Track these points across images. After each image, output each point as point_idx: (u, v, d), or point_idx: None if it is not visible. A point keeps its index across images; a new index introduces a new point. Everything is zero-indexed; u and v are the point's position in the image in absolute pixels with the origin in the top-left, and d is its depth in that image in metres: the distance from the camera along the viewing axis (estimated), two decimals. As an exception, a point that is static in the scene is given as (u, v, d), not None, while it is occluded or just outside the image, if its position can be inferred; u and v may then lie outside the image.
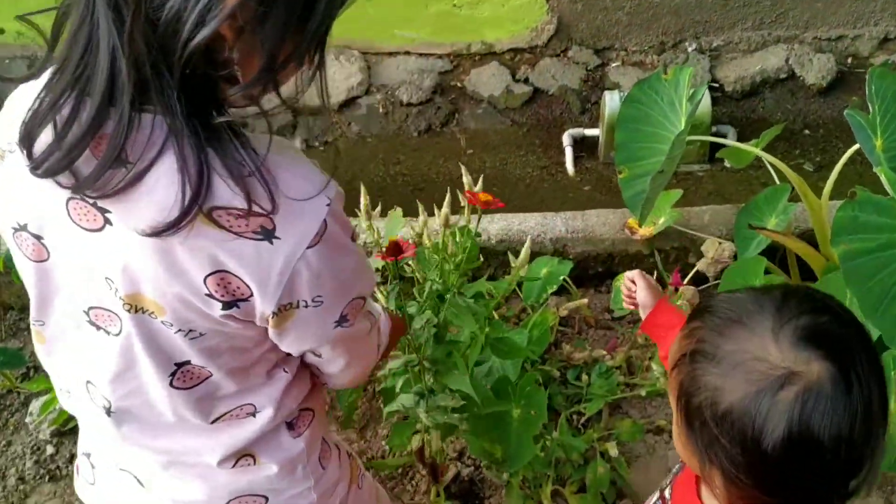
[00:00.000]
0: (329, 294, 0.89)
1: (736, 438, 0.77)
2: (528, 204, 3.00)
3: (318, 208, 0.83)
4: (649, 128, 2.00)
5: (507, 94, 3.41)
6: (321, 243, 0.84)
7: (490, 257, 2.37)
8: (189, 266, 0.82)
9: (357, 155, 3.31)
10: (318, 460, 1.12)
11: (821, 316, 0.80)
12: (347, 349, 1.02)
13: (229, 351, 0.95)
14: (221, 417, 1.01)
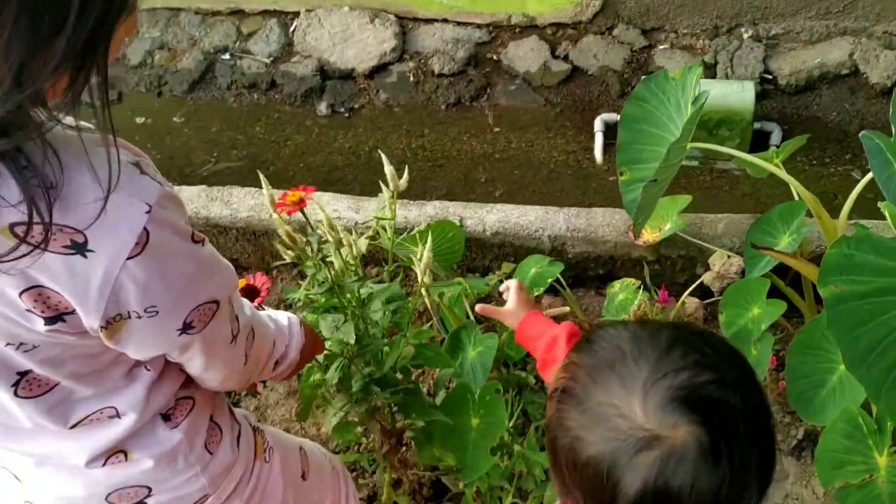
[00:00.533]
0: (165, 303, 0.86)
1: (588, 490, 0.77)
2: (548, 190, 2.87)
3: (134, 216, 0.79)
4: (653, 129, 1.84)
5: (543, 70, 3.25)
6: (145, 253, 0.80)
7: (484, 249, 2.26)
8: (1, 282, 0.78)
9: (381, 125, 3.22)
10: (205, 446, 1.08)
11: (701, 374, 0.75)
12: (203, 353, 0.98)
13: (74, 359, 0.90)
14: (81, 422, 0.97)
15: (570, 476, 0.79)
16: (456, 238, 1.95)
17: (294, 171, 3.02)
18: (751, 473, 0.75)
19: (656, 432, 0.72)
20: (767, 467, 0.77)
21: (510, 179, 2.93)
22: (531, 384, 1.97)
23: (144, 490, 1.05)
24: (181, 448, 1.04)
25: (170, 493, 1.06)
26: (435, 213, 2.23)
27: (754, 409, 0.76)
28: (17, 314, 0.81)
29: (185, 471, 1.06)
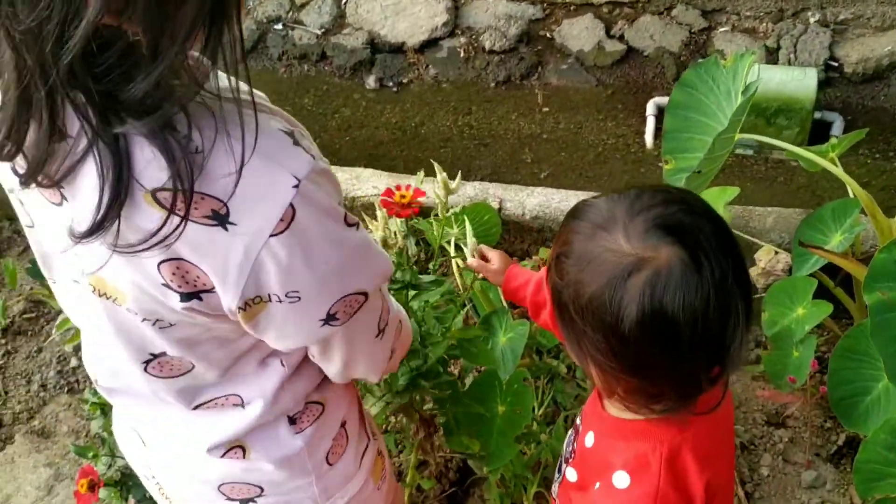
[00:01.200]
0: (308, 290, 0.79)
1: (597, 326, 0.82)
2: (595, 174, 2.80)
3: (282, 190, 0.72)
4: (701, 117, 1.77)
5: (597, 50, 3.16)
6: (290, 231, 0.73)
7: (523, 233, 2.22)
8: (125, 235, 0.73)
9: (429, 100, 3.18)
10: (325, 457, 1.02)
11: (670, 207, 0.83)
12: (345, 348, 0.90)
13: (210, 342, 0.86)
14: (205, 404, 0.94)
15: (578, 326, 0.84)
16: (492, 221, 1.91)
17: (340, 144, 3.01)
18: (731, 287, 0.80)
19: (641, 255, 0.79)
20: (744, 283, 0.83)
21: (556, 161, 2.87)
22: (562, 373, 1.94)
23: (257, 489, 1.00)
24: (301, 455, 0.99)
25: (280, 496, 1.02)
26: (475, 194, 2.20)
27: (720, 230, 0.83)
28: (154, 288, 0.77)
29: (301, 477, 1.01)
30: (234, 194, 0.71)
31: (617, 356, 0.83)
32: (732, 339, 0.82)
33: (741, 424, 1.93)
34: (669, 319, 0.78)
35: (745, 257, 0.87)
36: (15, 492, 1.99)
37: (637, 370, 0.84)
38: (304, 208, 0.73)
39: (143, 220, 0.71)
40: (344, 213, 0.79)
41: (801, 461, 1.86)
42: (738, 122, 1.56)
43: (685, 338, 0.79)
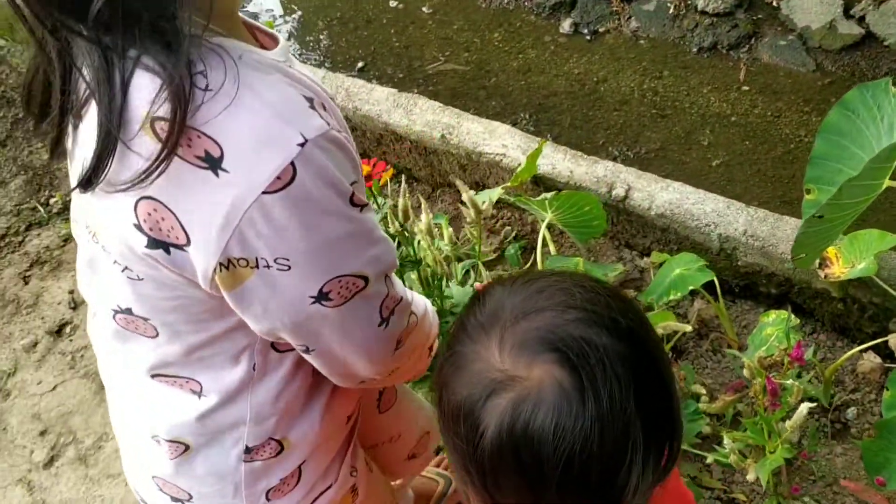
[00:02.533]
0: (300, 259, 0.73)
1: (461, 437, 0.71)
2: (775, 174, 2.47)
3: (285, 146, 0.68)
4: (856, 149, 1.46)
5: (828, 30, 2.72)
6: (286, 193, 0.69)
7: (646, 229, 2.02)
8: (117, 171, 0.73)
9: (620, 55, 2.94)
10: (265, 492, 0.97)
11: (566, 314, 0.68)
12: (336, 340, 0.83)
13: (178, 312, 0.83)
14: (163, 376, 0.90)
15: (446, 429, 0.73)
16: (594, 213, 1.75)
17: (513, 87, 2.89)
18: (632, 422, 0.66)
19: (511, 373, 0.67)
20: (659, 421, 0.70)
21: (737, 150, 2.56)
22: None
23: (186, 494, 0.98)
24: (237, 481, 0.95)
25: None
26: (604, 175, 2.02)
27: (632, 352, 0.68)
28: (127, 226, 0.74)
29: (231, 498, 0.97)
30: (234, 139, 0.68)
31: (479, 474, 0.70)
32: (626, 484, 0.67)
33: (825, 502, 1.66)
34: (532, 453, 0.65)
35: (675, 392, 0.71)
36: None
37: (499, 495, 0.71)
38: (307, 171, 0.69)
39: (140, 150, 0.69)
40: (352, 192, 0.74)
41: (886, 569, 1.58)
42: (879, 170, 1.26)
43: (552, 477, 0.65)
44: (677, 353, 1.95)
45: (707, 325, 1.98)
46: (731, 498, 1.72)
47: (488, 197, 1.76)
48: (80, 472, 2.01)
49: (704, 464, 1.77)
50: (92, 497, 1.96)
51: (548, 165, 2.06)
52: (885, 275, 1.73)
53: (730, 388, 1.79)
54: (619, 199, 1.98)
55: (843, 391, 1.81)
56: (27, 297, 2.45)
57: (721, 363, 1.92)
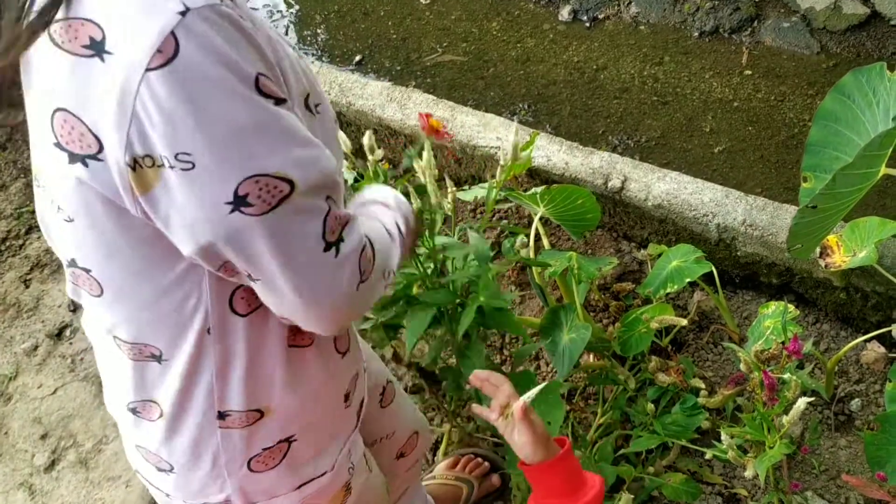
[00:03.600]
0: (202, 153, 0.66)
1: None
2: (778, 159, 2.42)
3: (162, 13, 0.63)
4: (853, 136, 1.42)
5: (832, 10, 2.66)
6: (170, 68, 0.63)
7: (643, 220, 1.98)
8: (41, 105, 0.70)
9: (620, 42, 2.89)
10: (247, 461, 0.93)
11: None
12: (277, 258, 0.73)
13: (112, 259, 0.78)
14: (119, 339, 0.86)
15: None
16: (587, 206, 1.71)
17: (511, 77, 2.85)
18: None
19: None
20: None
21: (739, 136, 2.51)
22: (630, 388, 1.74)
23: (167, 465, 0.94)
24: (211, 447, 0.91)
25: (190, 478, 0.95)
26: (600, 166, 1.98)
27: None
28: (50, 148, 0.71)
29: (211, 469, 0.93)
30: (113, 16, 0.64)
31: None
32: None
33: (829, 497, 1.63)
34: None
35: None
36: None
37: None
38: (191, 44, 0.63)
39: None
40: (256, 77, 0.67)
41: (892, 563, 1.55)
42: (872, 158, 1.23)
43: None
44: (677, 345, 1.91)
45: (707, 317, 1.95)
46: (733, 493, 1.69)
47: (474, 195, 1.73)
48: (81, 476, 2.02)
49: (705, 458, 1.74)
50: (93, 500, 1.96)
51: (543, 158, 2.03)
52: (887, 263, 1.69)
53: (730, 381, 1.75)
54: (616, 191, 1.95)
55: (847, 382, 1.78)
56: (28, 301, 2.45)
57: (722, 355, 1.88)
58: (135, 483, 1.97)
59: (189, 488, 0.95)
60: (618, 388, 1.77)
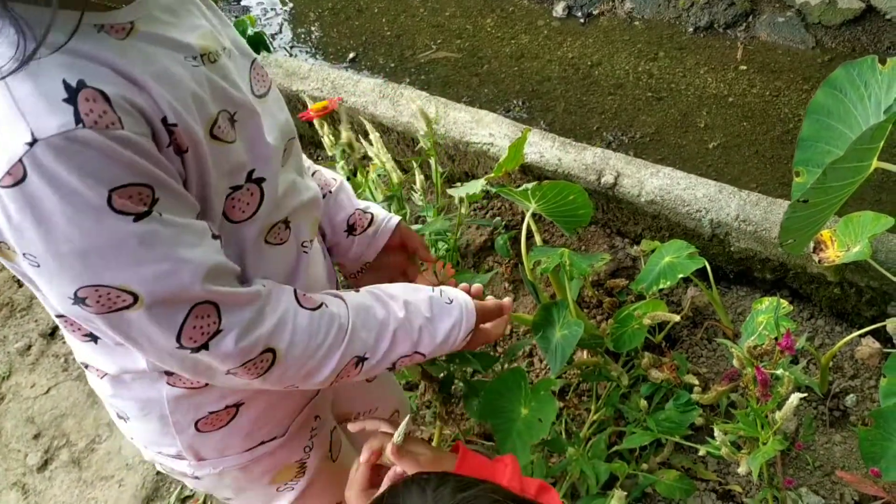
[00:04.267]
0: (46, 262, 0.70)
1: None
2: (773, 154, 2.41)
3: (11, 142, 0.65)
4: (845, 129, 1.41)
5: (827, 5, 2.66)
6: (17, 191, 0.66)
7: (637, 216, 1.97)
8: None
9: (614, 38, 2.88)
10: (194, 422, 0.97)
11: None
12: (131, 344, 0.78)
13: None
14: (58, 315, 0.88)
15: None
16: (578, 201, 1.70)
17: (505, 74, 2.84)
18: None
19: None
20: None
21: (734, 131, 2.50)
22: (623, 384, 1.74)
23: (125, 413, 0.98)
24: (161, 404, 0.94)
25: (148, 434, 1.00)
26: (592, 162, 1.97)
27: None
28: None
29: (161, 425, 0.97)
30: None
31: None
32: None
33: (823, 494, 1.62)
34: None
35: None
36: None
37: None
38: (36, 174, 0.65)
39: None
40: (109, 197, 0.67)
41: (887, 559, 1.54)
42: (863, 151, 1.22)
43: None
44: (671, 342, 1.91)
45: (701, 313, 1.94)
46: (727, 490, 1.68)
47: (466, 192, 1.72)
48: (74, 475, 2.01)
49: (699, 455, 1.73)
50: (86, 499, 1.96)
51: (535, 154, 2.02)
52: (881, 258, 1.68)
53: (724, 377, 1.74)
54: (609, 186, 1.94)
55: (842, 377, 1.77)
56: (21, 301, 2.44)
57: (716, 351, 1.88)
58: (128, 482, 1.96)
59: (145, 437, 1.00)
60: (611, 384, 1.77)
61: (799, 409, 1.76)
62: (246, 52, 0.89)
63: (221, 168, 0.79)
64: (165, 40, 0.75)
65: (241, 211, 0.84)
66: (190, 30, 0.78)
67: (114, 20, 0.71)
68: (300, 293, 0.88)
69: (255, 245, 0.87)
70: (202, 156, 0.76)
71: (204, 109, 0.76)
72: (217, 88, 0.79)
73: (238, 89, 0.82)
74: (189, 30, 0.78)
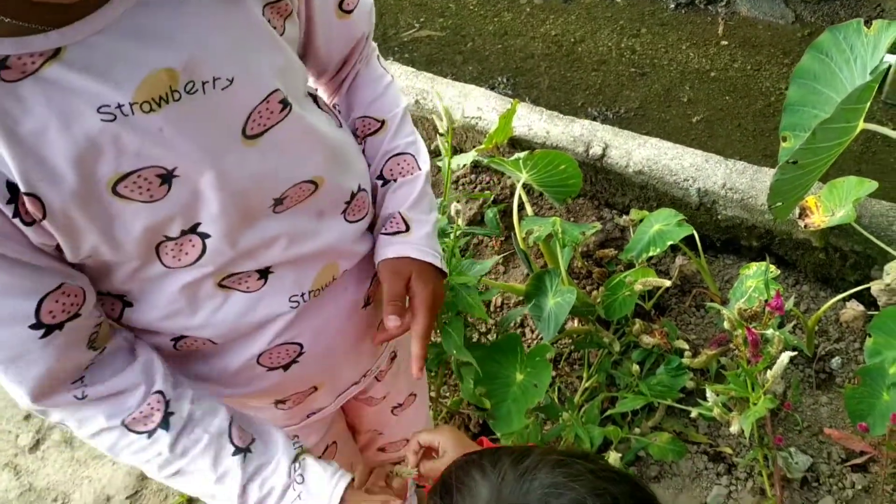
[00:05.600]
0: None
1: None
2: (756, 128, 2.44)
3: None
4: (831, 93, 1.44)
5: (806, -20, 2.69)
6: None
7: (625, 187, 1.99)
8: None
9: (597, 15, 2.90)
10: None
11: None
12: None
13: None
14: None
15: None
16: (569, 171, 1.72)
17: (490, 51, 2.85)
18: None
19: None
20: None
21: (717, 105, 2.53)
22: (615, 351, 1.76)
23: None
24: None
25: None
26: (581, 134, 1.99)
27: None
28: None
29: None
30: None
31: None
32: None
33: (811, 453, 1.66)
34: None
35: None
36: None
37: None
38: None
39: None
40: None
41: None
42: (851, 112, 1.24)
43: None
44: (660, 310, 1.93)
45: (689, 281, 1.97)
46: (718, 451, 1.71)
47: (459, 162, 1.73)
48: (66, 455, 2.00)
49: (690, 419, 1.76)
50: (79, 478, 1.95)
51: (524, 127, 2.04)
52: (865, 222, 1.72)
53: (713, 342, 1.78)
54: (597, 158, 1.96)
55: (828, 341, 1.81)
56: None
57: (704, 318, 1.91)
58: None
59: None
60: (602, 352, 1.79)
61: (787, 372, 1.80)
62: (261, 84, 0.73)
63: (132, 224, 0.72)
64: (76, 89, 0.63)
65: (174, 258, 0.77)
66: (137, 67, 0.65)
67: (27, 48, 0.61)
68: (235, 431, 0.83)
69: (191, 290, 0.80)
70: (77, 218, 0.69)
71: (102, 166, 0.67)
72: (132, 144, 0.67)
73: (191, 141, 0.70)
74: (136, 67, 0.65)
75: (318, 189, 0.83)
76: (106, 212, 0.70)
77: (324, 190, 0.84)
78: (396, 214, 0.97)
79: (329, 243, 0.87)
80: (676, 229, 1.73)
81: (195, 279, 0.79)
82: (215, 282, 0.80)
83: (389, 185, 0.99)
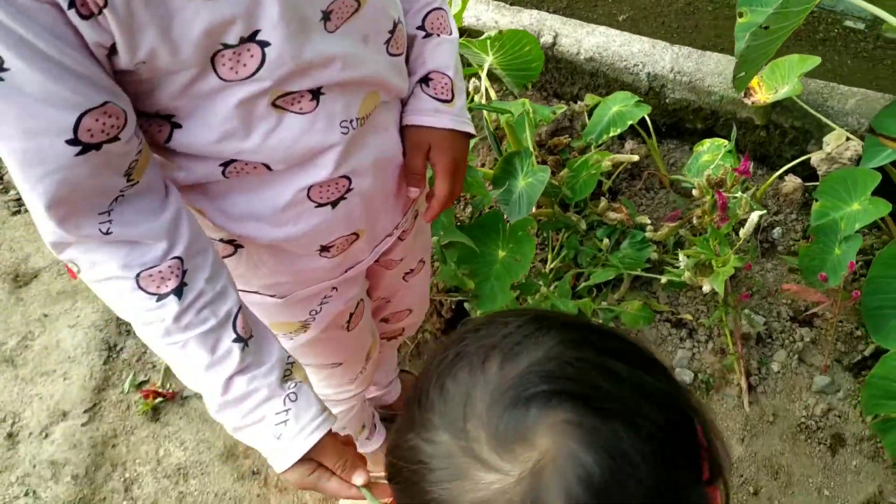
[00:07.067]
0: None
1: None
2: (679, 25, 2.53)
3: None
4: (792, -36, 1.52)
5: None
6: None
7: (574, 75, 2.04)
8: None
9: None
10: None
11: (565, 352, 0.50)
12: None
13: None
14: None
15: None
16: (532, 53, 1.74)
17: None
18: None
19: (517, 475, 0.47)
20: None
21: (640, 5, 2.59)
22: (581, 229, 1.83)
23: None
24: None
25: None
26: (530, 23, 2.01)
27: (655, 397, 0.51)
28: None
29: None
30: None
31: None
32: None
33: (763, 314, 1.80)
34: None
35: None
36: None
37: None
38: None
39: None
40: None
41: (817, 364, 1.74)
42: (825, -28, 1.31)
43: None
44: (612, 193, 2.01)
45: (638, 165, 2.05)
46: (679, 318, 1.82)
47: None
48: (10, 374, 1.88)
49: (651, 291, 1.86)
50: (28, 397, 1.84)
51: (472, 18, 2.03)
52: (804, 98, 1.84)
53: (669, 217, 1.87)
54: (548, 46, 1.98)
55: (769, 213, 1.94)
56: None
57: (655, 199, 2.00)
58: (73, 374, 1.86)
59: None
60: (568, 231, 1.85)
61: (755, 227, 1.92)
62: None
63: (192, 24, 0.69)
64: None
65: (231, 70, 0.74)
66: None
67: None
68: (240, 319, 0.81)
69: (246, 108, 0.78)
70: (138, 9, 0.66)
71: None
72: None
73: None
74: None
75: (360, 8, 0.82)
76: (166, 6, 0.67)
77: (366, 10, 0.83)
78: (446, 78, 0.98)
79: (374, 72, 0.88)
80: (635, 110, 1.79)
81: (250, 95, 0.77)
82: (270, 100, 0.78)
83: (431, 38, 0.99)
